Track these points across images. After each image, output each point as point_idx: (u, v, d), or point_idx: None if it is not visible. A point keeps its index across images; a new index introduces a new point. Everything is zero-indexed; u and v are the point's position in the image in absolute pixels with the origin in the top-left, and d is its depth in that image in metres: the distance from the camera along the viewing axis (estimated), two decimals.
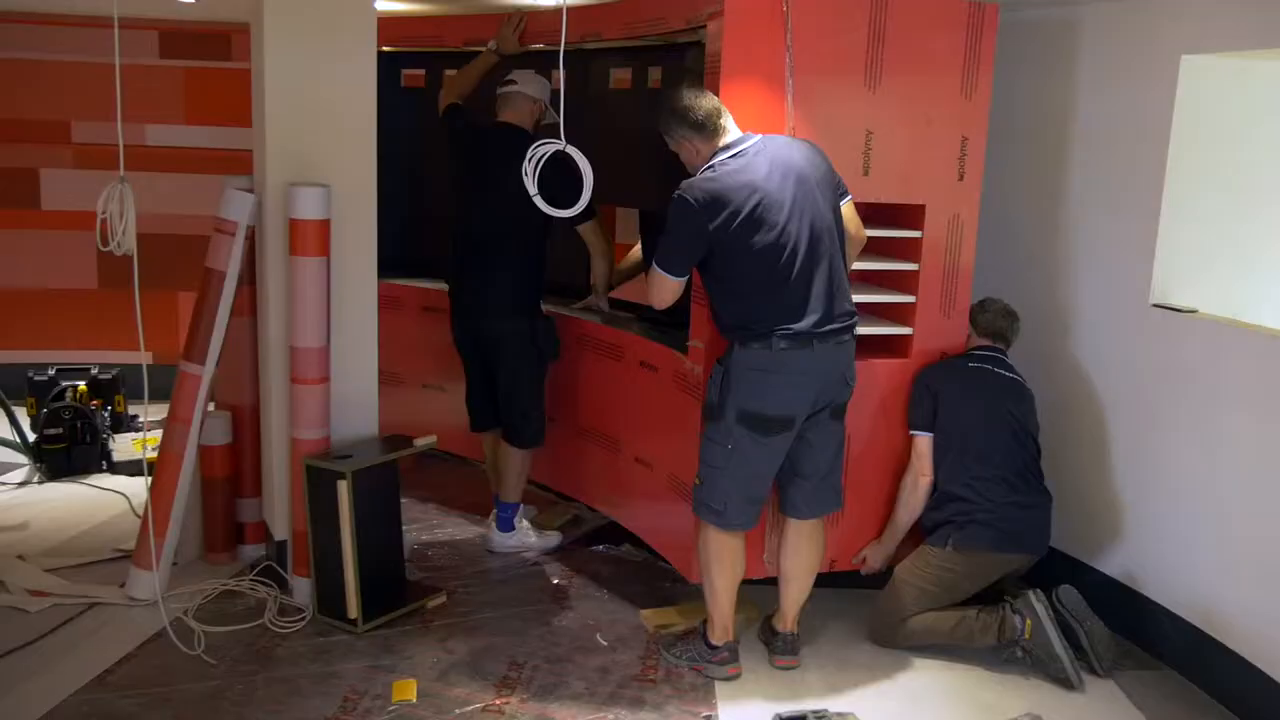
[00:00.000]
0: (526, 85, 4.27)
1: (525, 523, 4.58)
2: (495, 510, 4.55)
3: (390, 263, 5.24)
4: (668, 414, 3.99)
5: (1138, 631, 3.83)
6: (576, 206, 3.13)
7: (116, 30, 3.42)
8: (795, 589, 3.65)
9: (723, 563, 3.50)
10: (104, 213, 3.52)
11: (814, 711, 3.29)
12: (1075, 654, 3.60)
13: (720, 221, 3.26)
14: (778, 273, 3.30)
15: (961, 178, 3.91)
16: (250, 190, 3.98)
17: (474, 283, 4.32)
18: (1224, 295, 3.84)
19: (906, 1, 3.71)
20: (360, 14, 3.90)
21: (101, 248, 3.54)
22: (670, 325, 4.15)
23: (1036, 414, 3.91)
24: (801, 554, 3.62)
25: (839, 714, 3.30)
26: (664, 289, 3.40)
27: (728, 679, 3.56)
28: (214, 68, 6.27)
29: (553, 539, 4.59)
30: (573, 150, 3.12)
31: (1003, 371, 3.88)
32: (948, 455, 3.82)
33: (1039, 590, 3.63)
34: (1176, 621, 3.70)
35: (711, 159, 3.37)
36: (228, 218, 3.94)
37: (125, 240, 3.54)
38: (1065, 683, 3.55)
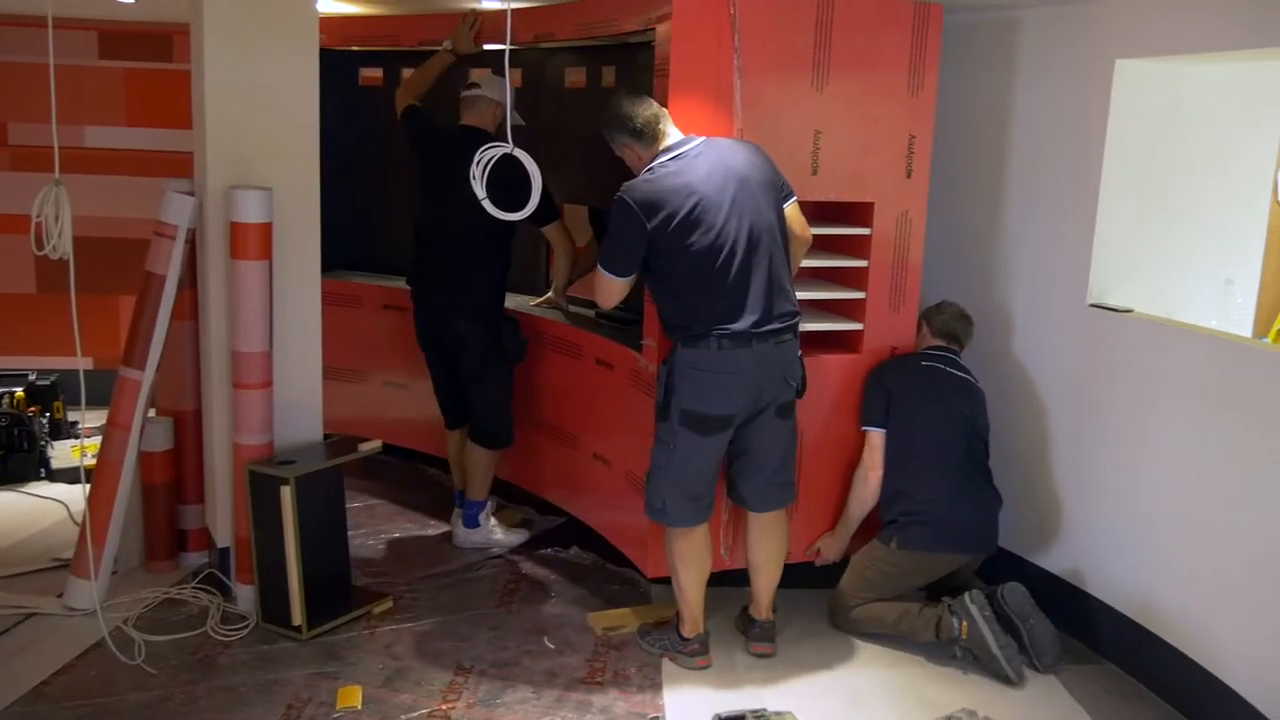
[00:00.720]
0: (489, 89, 4.28)
1: (491, 520, 4.62)
2: (458, 507, 4.62)
3: (349, 261, 5.36)
4: (624, 411, 4.04)
5: (1079, 627, 3.89)
6: (525, 210, 3.16)
7: (50, 30, 3.37)
8: (764, 578, 3.73)
9: (685, 559, 3.56)
10: (39, 215, 3.47)
11: (753, 711, 3.32)
12: (1018, 650, 3.65)
13: (658, 223, 3.31)
14: (716, 273, 3.34)
15: (909, 175, 3.98)
16: (191, 193, 3.93)
17: (440, 285, 4.36)
18: (1159, 295, 3.91)
19: (852, 2, 3.76)
20: (301, 15, 3.86)
21: (37, 251, 3.49)
22: (626, 323, 4.18)
23: (987, 414, 3.97)
24: (764, 545, 3.70)
25: (777, 713, 3.33)
26: (609, 289, 3.45)
27: (697, 669, 3.64)
28: (154, 69, 6.19)
29: (517, 535, 4.64)
30: (520, 153, 3.14)
31: (954, 371, 3.94)
32: (897, 452, 3.89)
33: (977, 592, 3.68)
34: (1115, 616, 3.76)
35: (651, 162, 3.41)
36: (168, 221, 3.89)
37: (61, 244, 3.49)
38: (1005, 680, 3.59)
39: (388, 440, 5.15)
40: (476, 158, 3.18)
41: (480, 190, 3.16)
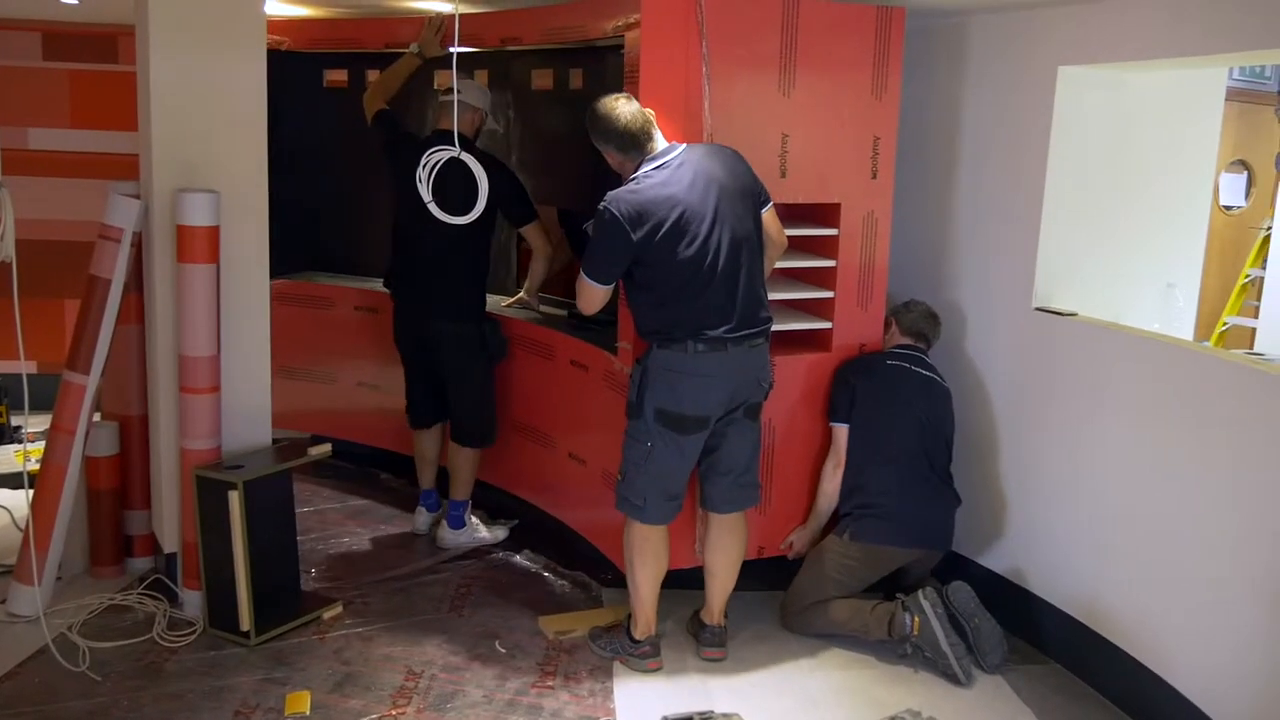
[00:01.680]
0: (468, 94, 4.30)
1: (474, 519, 4.70)
2: (422, 505, 4.75)
3: (317, 262, 5.41)
4: (599, 411, 4.09)
5: (1024, 627, 3.94)
6: (472, 213, 3.19)
7: None
8: (719, 583, 3.75)
9: (644, 556, 3.60)
10: None
11: (699, 713, 3.34)
12: (966, 650, 3.69)
13: (644, 234, 3.33)
14: (698, 282, 3.39)
15: (874, 176, 4.05)
16: (137, 196, 3.89)
17: (422, 289, 4.41)
18: (1103, 299, 3.98)
19: (817, 8, 3.81)
20: (248, 17, 3.84)
21: None
22: (598, 325, 4.23)
23: (953, 414, 4.03)
24: (724, 548, 3.73)
25: (724, 714, 3.35)
26: (592, 297, 3.48)
27: (648, 672, 3.65)
28: (99, 70, 6.11)
29: (501, 531, 4.72)
30: (467, 157, 3.16)
31: (920, 370, 4.00)
32: (857, 448, 3.96)
33: (930, 589, 3.72)
34: (1060, 616, 3.81)
35: (635, 171, 3.43)
36: (113, 224, 3.84)
37: (4, 246, 3.44)
38: (953, 679, 3.63)
39: (361, 441, 5.27)
40: (423, 161, 3.22)
41: (426, 194, 3.18)
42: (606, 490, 3.98)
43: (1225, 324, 6.98)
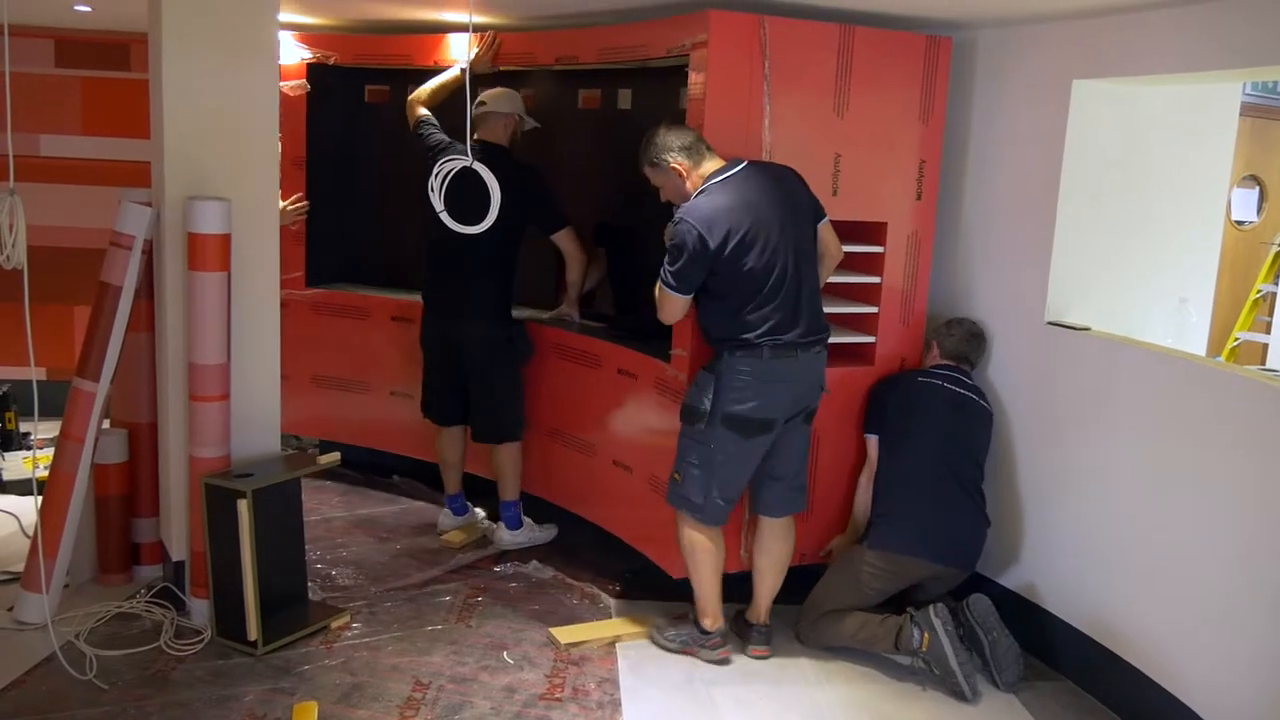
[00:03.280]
0: (496, 104, 4.44)
1: (527, 518, 4.77)
2: (448, 508, 4.85)
3: (357, 275, 5.54)
4: (649, 418, 4.17)
5: (1036, 643, 3.91)
6: (484, 222, 3.21)
7: (6, 38, 3.33)
8: (768, 584, 3.89)
9: (706, 551, 3.74)
10: None
11: None
12: (980, 664, 3.67)
13: (719, 243, 3.48)
14: (769, 289, 3.55)
15: (919, 197, 4.18)
16: (148, 203, 3.89)
17: (453, 293, 4.53)
18: (1116, 313, 3.96)
19: (871, 35, 3.98)
20: (262, 26, 3.85)
21: None
22: (644, 335, 4.31)
23: (988, 434, 4.03)
24: (774, 551, 3.86)
25: None
26: (673, 306, 3.63)
27: (720, 661, 3.79)
28: (112, 77, 6.13)
29: (552, 530, 4.81)
30: (479, 167, 3.18)
31: (954, 387, 4.02)
32: (885, 459, 4.03)
33: (941, 605, 3.69)
34: (1071, 632, 3.79)
35: (703, 184, 3.59)
36: (124, 231, 3.84)
37: (15, 254, 3.44)
38: (960, 696, 3.61)
39: (393, 450, 5.34)
40: (435, 170, 3.25)
41: (437, 203, 3.22)
42: (653, 496, 4.08)
43: (1237, 339, 6.96)
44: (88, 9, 5.23)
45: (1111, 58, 3.69)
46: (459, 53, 4.77)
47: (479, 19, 4.69)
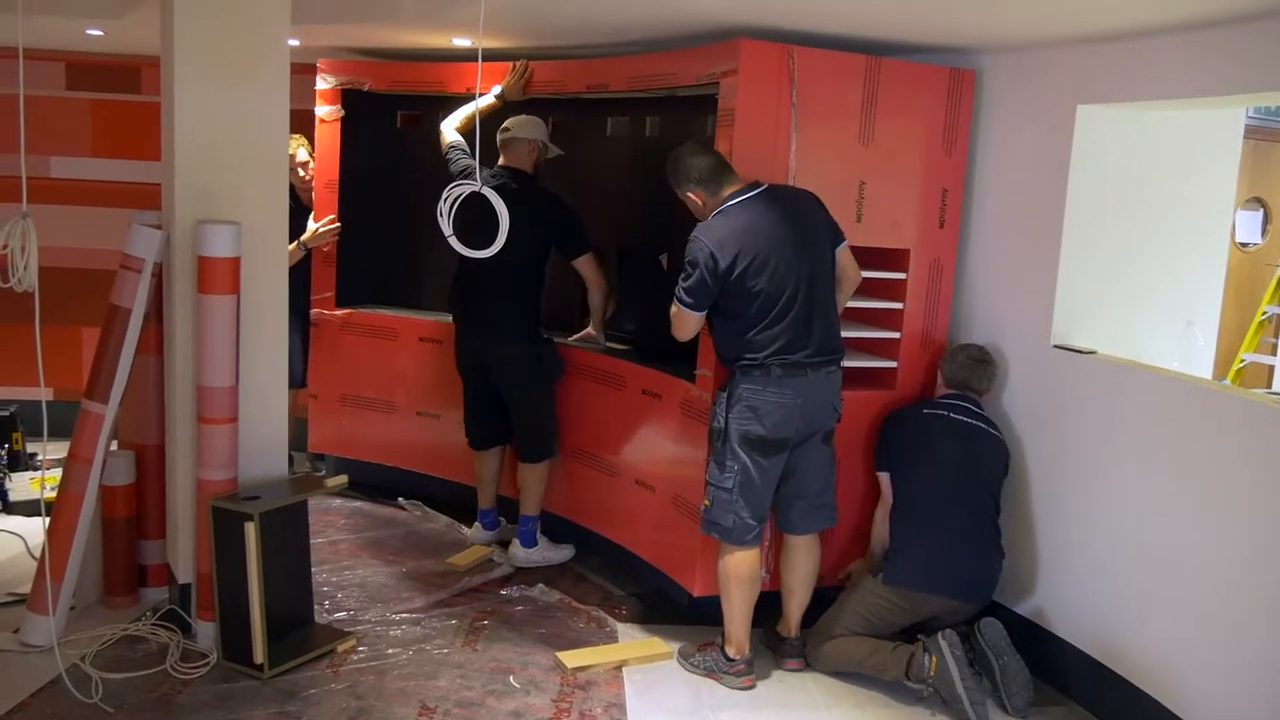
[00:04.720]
0: (521, 130, 4.56)
1: (544, 537, 4.80)
2: (479, 522, 4.95)
3: (387, 296, 5.63)
4: (673, 439, 4.20)
5: (1043, 667, 3.89)
6: (492, 248, 3.22)
7: (21, 60, 3.36)
8: (797, 600, 3.95)
9: (741, 579, 3.76)
10: (4, 248, 3.43)
11: None
12: (990, 689, 3.66)
13: (731, 262, 3.56)
14: (780, 309, 3.60)
15: (942, 225, 4.24)
16: (158, 226, 3.91)
17: (483, 315, 4.67)
18: (1121, 336, 3.96)
19: (897, 66, 4.05)
20: (273, 50, 3.87)
21: (1, 285, 3.45)
22: (668, 356, 4.36)
23: (1001, 464, 4.00)
24: (800, 567, 3.92)
25: None
26: (686, 323, 3.71)
27: (743, 689, 3.79)
28: (122, 100, 6.17)
29: (567, 550, 4.83)
30: (488, 192, 3.20)
31: (961, 417, 4.00)
32: (897, 495, 4.04)
33: (951, 631, 3.67)
34: (1078, 656, 3.77)
35: (721, 206, 3.65)
36: (134, 254, 3.86)
37: (27, 277, 3.45)
38: None
39: (422, 470, 5.40)
40: (445, 194, 3.26)
41: (447, 228, 3.24)
42: (676, 516, 4.12)
43: (1243, 361, 6.95)
44: (100, 33, 5.27)
45: (1116, 83, 3.71)
46: (490, 80, 4.83)
47: (490, 43, 4.71)
